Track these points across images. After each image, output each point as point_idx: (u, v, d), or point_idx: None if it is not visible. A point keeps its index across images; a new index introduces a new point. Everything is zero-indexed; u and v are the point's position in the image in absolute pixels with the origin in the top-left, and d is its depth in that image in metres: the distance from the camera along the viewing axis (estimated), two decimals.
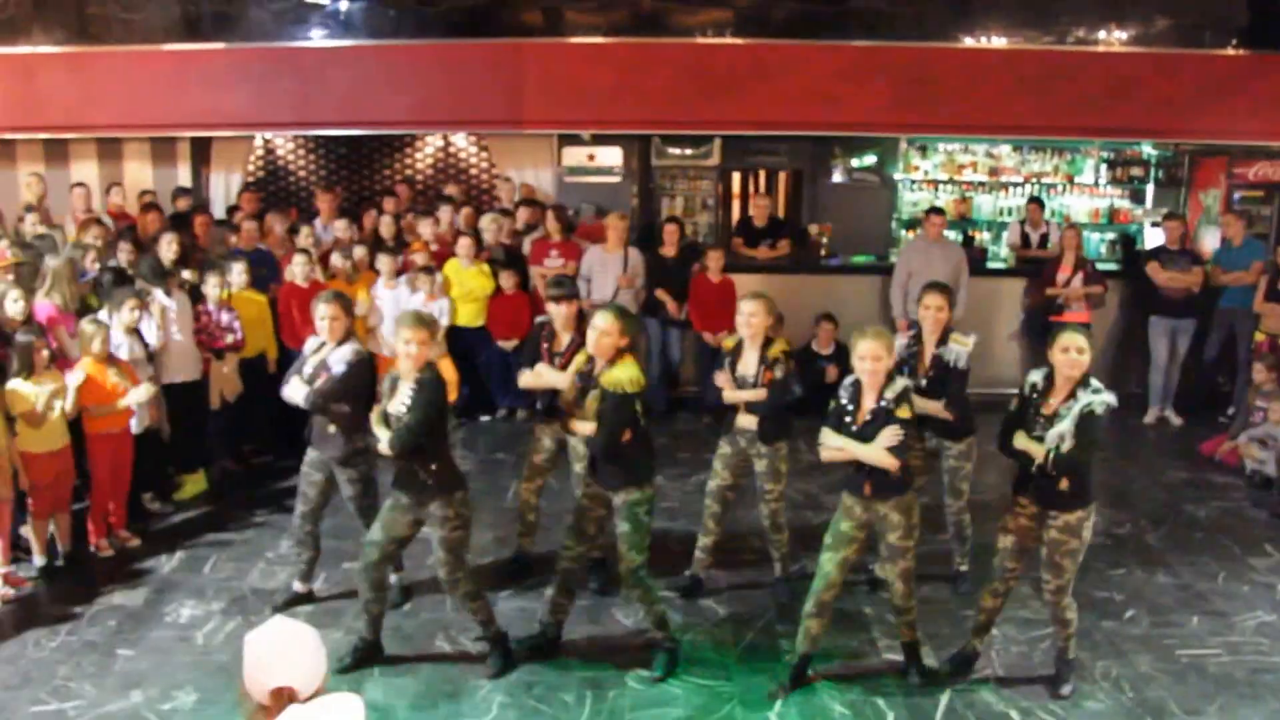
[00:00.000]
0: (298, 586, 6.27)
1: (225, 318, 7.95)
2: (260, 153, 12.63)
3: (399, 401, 5.22)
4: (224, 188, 12.00)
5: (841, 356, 9.37)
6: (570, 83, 10.59)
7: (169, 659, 5.58)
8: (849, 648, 5.74)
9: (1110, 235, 12.04)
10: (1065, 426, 4.91)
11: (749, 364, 5.98)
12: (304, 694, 2.81)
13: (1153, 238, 11.28)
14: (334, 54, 10.69)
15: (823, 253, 11.15)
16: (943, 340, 5.98)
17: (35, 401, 6.26)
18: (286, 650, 2.82)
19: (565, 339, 6.21)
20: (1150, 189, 12.05)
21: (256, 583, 6.50)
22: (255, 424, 8.59)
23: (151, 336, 7.32)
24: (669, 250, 9.79)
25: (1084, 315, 9.66)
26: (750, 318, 5.89)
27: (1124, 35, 10.63)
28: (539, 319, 6.46)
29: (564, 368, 6.00)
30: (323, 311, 5.78)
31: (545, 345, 6.23)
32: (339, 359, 5.78)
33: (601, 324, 5.24)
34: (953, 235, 11.24)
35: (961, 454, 6.20)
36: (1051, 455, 4.93)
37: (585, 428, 5.38)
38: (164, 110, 10.61)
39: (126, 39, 10.55)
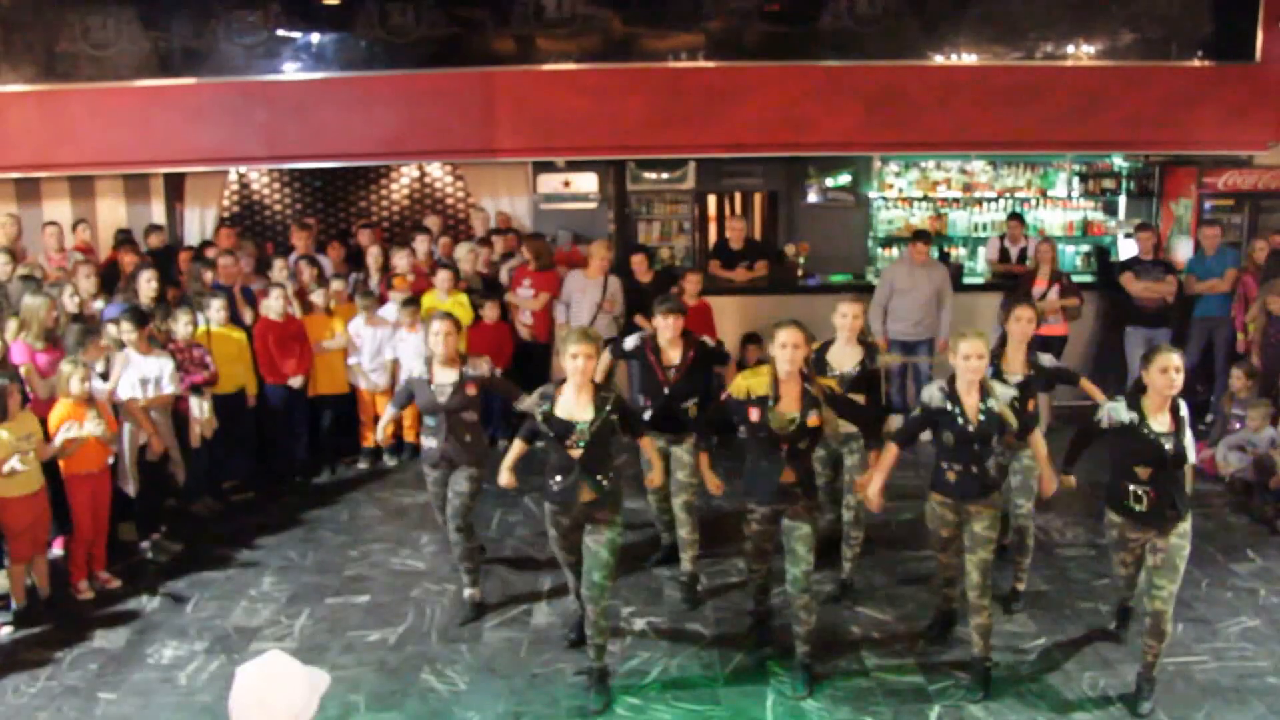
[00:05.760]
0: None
1: (196, 353, 7.80)
2: (235, 187, 12.61)
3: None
4: (199, 223, 11.95)
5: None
6: (543, 110, 10.63)
7: (152, 701, 5.50)
8: (837, 665, 5.71)
9: (1085, 247, 12.12)
10: (1189, 434, 5.18)
11: (844, 359, 6.36)
12: None
13: (1126, 249, 11.38)
14: (306, 86, 10.68)
15: (800, 273, 11.17)
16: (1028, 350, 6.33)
17: (11, 448, 6.13)
18: (259, 698, 2.76)
19: (675, 355, 6.40)
20: (1122, 200, 12.14)
21: (240, 621, 6.40)
22: (236, 461, 8.50)
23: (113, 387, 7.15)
24: (643, 276, 9.77)
25: (1061, 328, 9.70)
26: (853, 320, 6.35)
27: (1091, 50, 10.72)
28: (640, 333, 6.67)
29: (676, 381, 6.37)
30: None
31: (654, 358, 6.41)
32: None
33: (794, 339, 5.38)
34: (930, 252, 11.26)
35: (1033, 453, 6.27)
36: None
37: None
38: (136, 147, 10.59)
39: (97, 76, 10.51)
